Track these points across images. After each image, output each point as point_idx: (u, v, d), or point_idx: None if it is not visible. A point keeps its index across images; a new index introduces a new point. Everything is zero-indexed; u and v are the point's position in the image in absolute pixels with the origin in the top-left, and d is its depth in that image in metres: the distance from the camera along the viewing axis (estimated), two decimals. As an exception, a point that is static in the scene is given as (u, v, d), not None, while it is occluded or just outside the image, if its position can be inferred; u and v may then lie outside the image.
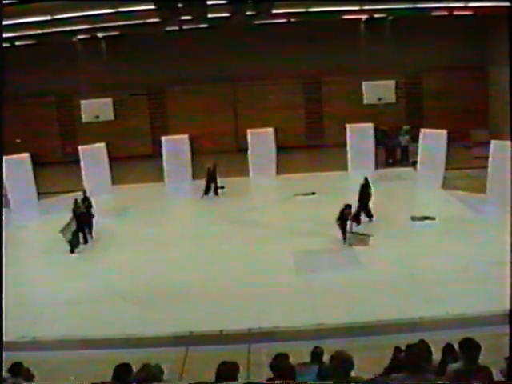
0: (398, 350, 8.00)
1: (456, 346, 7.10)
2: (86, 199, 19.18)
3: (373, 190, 19.45)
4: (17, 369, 8.22)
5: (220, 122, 32.62)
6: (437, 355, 7.70)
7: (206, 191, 24.06)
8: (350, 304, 13.24)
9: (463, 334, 6.99)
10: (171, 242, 18.67)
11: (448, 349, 7.79)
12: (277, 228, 19.65)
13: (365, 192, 19.25)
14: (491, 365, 6.61)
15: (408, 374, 6.54)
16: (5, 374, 7.94)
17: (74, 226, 18.56)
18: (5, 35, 24.14)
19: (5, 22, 20.31)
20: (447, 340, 7.98)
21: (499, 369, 6.76)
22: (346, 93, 32.10)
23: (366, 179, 19.52)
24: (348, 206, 17.71)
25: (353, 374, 6.31)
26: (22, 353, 10.51)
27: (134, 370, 7.00)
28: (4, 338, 7.56)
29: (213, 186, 24.17)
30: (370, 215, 19.26)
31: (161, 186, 26.19)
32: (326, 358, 7.81)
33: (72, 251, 18.19)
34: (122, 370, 6.93)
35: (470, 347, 6.49)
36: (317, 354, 8.20)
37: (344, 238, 17.55)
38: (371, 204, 19.29)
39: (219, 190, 24.26)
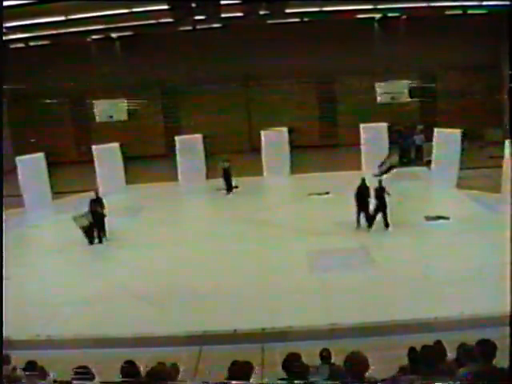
0: (412, 350, 7.94)
1: (471, 347, 7.04)
2: (97, 199, 19.26)
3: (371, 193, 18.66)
4: (31, 367, 8.25)
5: (233, 122, 32.63)
6: (451, 356, 7.64)
7: (229, 188, 24.26)
8: (364, 304, 13.17)
9: (478, 335, 6.93)
10: (185, 241, 18.67)
11: (463, 349, 7.72)
12: (290, 228, 19.60)
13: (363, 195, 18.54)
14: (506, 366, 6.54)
15: (422, 375, 6.51)
16: (19, 372, 7.98)
17: (89, 218, 18.75)
18: (19, 36, 24.38)
19: (19, 23, 20.54)
20: (462, 340, 7.91)
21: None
22: (359, 92, 31.99)
23: (363, 180, 18.78)
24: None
25: (367, 374, 6.28)
26: (37, 351, 10.57)
27: (146, 368, 7.03)
28: (18, 337, 7.59)
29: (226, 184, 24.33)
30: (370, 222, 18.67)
31: (175, 185, 26.25)
32: (337, 359, 7.76)
33: (91, 242, 18.72)
34: (128, 368, 6.97)
35: (485, 348, 6.43)
36: (324, 357, 8.17)
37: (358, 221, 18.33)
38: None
39: (233, 190, 24.36)
